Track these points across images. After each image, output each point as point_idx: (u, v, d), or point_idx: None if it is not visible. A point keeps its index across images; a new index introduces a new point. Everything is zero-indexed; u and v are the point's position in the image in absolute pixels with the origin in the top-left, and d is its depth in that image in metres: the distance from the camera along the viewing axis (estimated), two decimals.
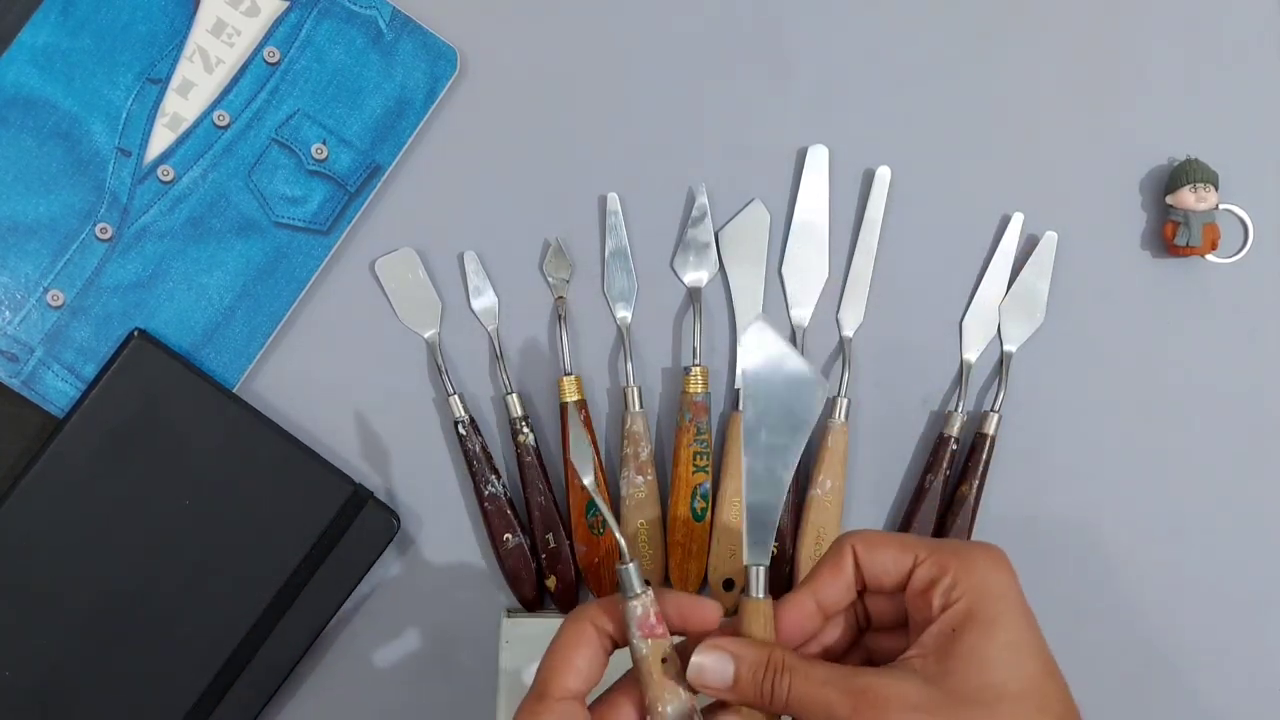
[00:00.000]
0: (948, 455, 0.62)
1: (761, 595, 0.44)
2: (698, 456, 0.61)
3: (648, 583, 0.44)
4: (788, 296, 0.64)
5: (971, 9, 0.65)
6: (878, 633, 0.46)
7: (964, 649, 0.41)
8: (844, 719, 0.40)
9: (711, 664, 0.42)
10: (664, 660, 0.42)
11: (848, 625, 0.47)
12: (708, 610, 0.43)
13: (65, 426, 0.58)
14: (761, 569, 0.44)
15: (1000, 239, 0.64)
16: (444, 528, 0.62)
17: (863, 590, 0.46)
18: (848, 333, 0.63)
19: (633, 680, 0.44)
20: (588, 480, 0.45)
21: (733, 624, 0.44)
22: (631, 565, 0.43)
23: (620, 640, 0.44)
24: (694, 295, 0.63)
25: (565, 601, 0.61)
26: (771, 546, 0.45)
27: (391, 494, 0.62)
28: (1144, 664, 0.63)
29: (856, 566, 0.45)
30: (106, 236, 0.60)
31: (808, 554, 0.61)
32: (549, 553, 0.61)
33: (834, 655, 0.47)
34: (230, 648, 0.59)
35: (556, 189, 0.64)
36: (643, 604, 0.43)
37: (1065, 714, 0.41)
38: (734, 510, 0.61)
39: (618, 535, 0.44)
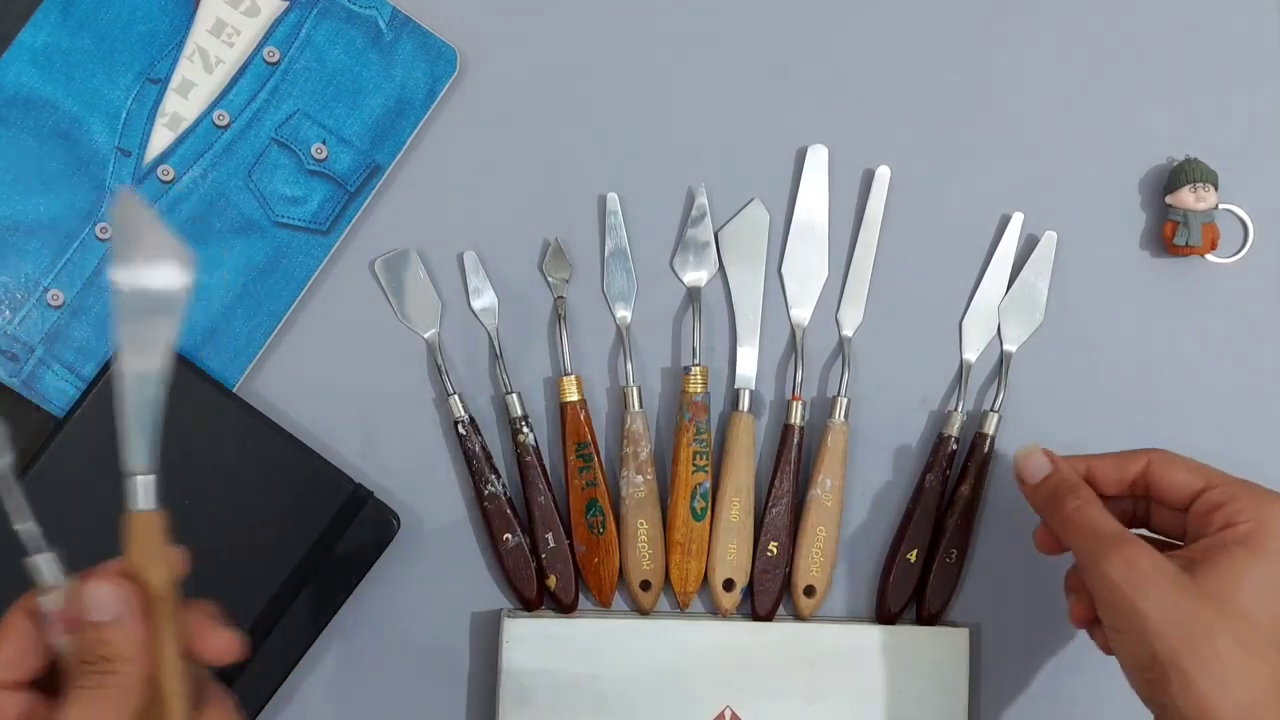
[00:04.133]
0: (948, 455, 0.62)
1: (152, 506, 0.41)
2: (697, 456, 0.61)
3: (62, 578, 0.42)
4: (787, 296, 0.64)
5: (972, 9, 0.65)
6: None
7: (1228, 562, 0.44)
8: (1100, 555, 0.46)
9: (1031, 456, 0.53)
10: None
11: (1119, 513, 0.51)
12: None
13: (65, 426, 0.58)
14: (150, 479, 0.40)
15: (1000, 239, 0.64)
16: (444, 528, 0.62)
17: (1148, 498, 0.51)
18: (847, 332, 0.63)
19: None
20: None
21: (124, 551, 0.41)
22: (40, 558, 0.42)
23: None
24: (693, 295, 0.63)
25: (565, 601, 0.61)
26: (156, 449, 0.40)
27: (391, 494, 0.62)
28: None
29: (1148, 478, 0.50)
30: (107, 236, 0.60)
31: (807, 554, 0.61)
32: (549, 553, 0.61)
33: None
34: None
35: (556, 189, 0.63)
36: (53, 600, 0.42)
37: None
38: (734, 510, 0.61)
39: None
